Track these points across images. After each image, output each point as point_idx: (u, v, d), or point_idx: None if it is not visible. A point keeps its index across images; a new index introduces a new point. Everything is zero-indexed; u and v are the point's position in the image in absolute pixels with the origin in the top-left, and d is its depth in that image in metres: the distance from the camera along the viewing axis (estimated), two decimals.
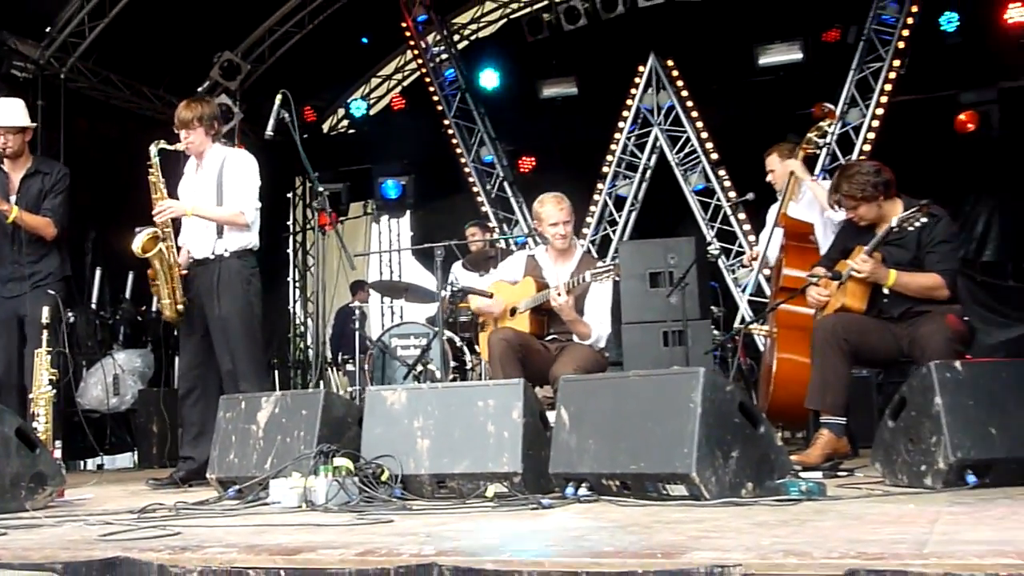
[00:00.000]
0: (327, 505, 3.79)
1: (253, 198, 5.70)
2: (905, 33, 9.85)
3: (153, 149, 5.60)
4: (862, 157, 9.58)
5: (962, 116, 10.04)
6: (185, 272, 5.63)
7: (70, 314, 5.77)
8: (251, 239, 5.71)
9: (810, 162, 6.60)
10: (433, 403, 4.17)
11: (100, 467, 8.08)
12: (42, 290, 5.71)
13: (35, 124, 6.08)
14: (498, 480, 3.91)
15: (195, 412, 5.61)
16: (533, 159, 12.17)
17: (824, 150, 9.74)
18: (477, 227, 8.88)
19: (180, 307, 5.60)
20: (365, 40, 12.45)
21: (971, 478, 3.64)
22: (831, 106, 7.17)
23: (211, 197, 5.66)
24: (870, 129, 9.88)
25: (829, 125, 6.42)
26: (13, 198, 5.79)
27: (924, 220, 4.62)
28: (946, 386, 3.74)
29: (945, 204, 4.94)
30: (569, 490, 3.80)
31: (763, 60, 10.58)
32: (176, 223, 5.70)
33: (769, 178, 6.39)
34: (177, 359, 9.41)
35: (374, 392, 4.39)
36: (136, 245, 5.47)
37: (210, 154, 5.74)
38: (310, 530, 3.18)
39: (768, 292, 6.44)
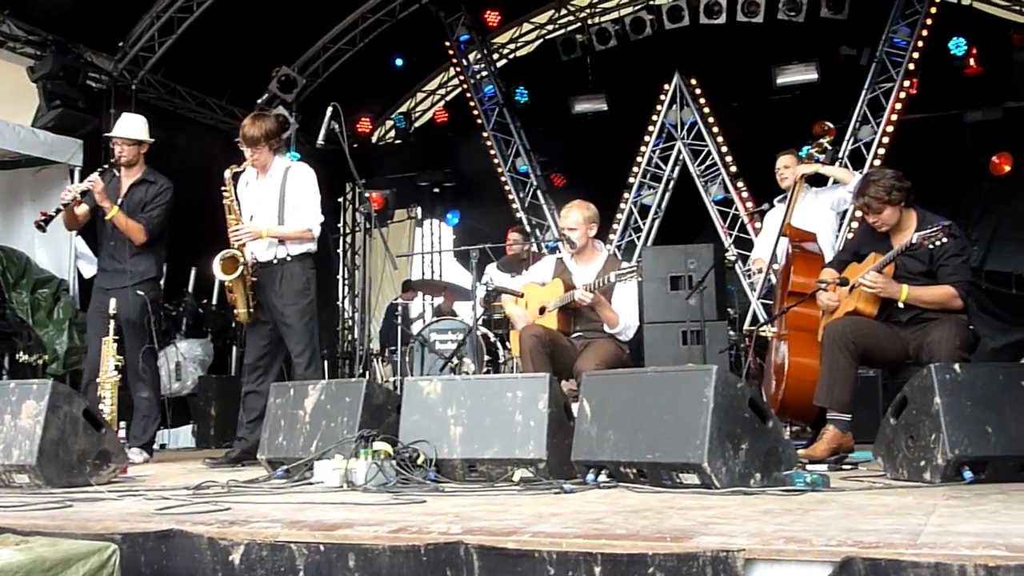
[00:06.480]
0: (366, 486, 3.81)
1: (317, 213, 5.73)
2: (915, 56, 9.72)
3: (228, 174, 5.63)
4: None
5: (995, 159, 9.85)
6: (254, 279, 5.68)
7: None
8: (311, 246, 5.76)
9: (810, 180, 6.56)
10: (466, 393, 4.18)
11: (163, 446, 8.15)
12: (131, 289, 5.79)
13: (151, 140, 6.12)
14: (524, 465, 3.92)
15: (257, 399, 5.64)
16: (565, 170, 12.13)
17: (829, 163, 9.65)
18: (518, 232, 8.85)
19: (252, 309, 5.68)
20: (400, 62, 12.44)
21: (968, 474, 3.61)
22: (830, 124, 7.16)
23: (274, 206, 5.69)
24: (880, 145, 9.75)
25: (829, 142, 6.41)
26: (119, 201, 5.90)
27: (944, 241, 4.49)
28: (945, 387, 3.70)
29: (951, 216, 4.86)
30: (590, 476, 3.79)
31: (780, 80, 10.46)
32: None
33: (782, 174, 6.46)
34: (235, 349, 9.55)
35: (411, 382, 4.40)
36: (217, 270, 5.55)
37: (272, 167, 5.76)
38: (349, 508, 3.20)
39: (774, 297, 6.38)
